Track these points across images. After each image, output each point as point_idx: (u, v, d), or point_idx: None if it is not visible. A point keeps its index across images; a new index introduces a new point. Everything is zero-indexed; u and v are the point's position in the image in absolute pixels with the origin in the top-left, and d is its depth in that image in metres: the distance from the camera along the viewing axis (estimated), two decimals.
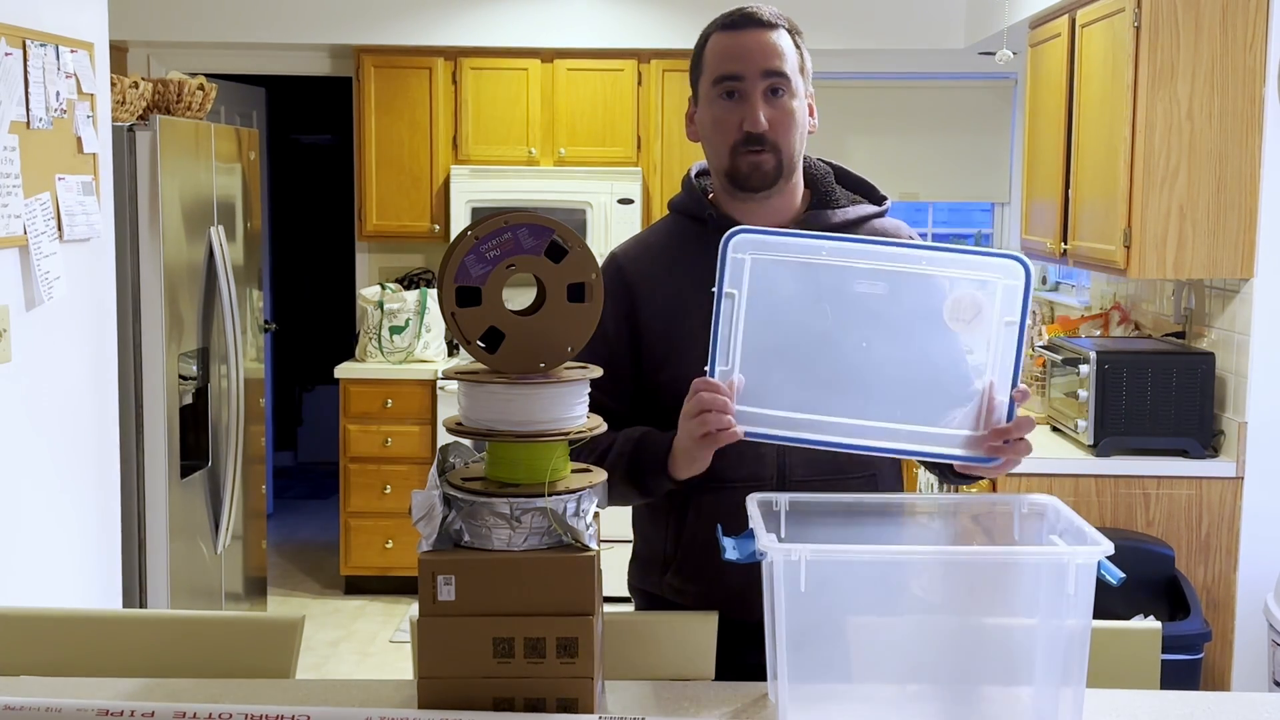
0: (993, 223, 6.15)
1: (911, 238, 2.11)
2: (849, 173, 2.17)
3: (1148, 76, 3.62)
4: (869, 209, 2.11)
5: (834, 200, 2.09)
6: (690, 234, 2.08)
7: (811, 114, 2.04)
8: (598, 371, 1.72)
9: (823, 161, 2.16)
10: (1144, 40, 3.61)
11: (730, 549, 1.64)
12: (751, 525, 1.65)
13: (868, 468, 2.02)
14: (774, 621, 1.59)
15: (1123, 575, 1.57)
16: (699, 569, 2.03)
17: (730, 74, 1.99)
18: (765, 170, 2.00)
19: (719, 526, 1.71)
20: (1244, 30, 3.58)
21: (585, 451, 1.97)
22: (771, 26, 2.00)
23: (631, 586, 2.20)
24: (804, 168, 2.10)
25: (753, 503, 1.70)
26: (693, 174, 2.17)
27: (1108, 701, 1.72)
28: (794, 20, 2.06)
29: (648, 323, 2.04)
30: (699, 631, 1.90)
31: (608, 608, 1.80)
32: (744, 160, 1.99)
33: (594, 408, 1.98)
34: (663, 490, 1.95)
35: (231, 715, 1.57)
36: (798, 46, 2.02)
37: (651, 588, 2.11)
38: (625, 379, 2.05)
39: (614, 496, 1.97)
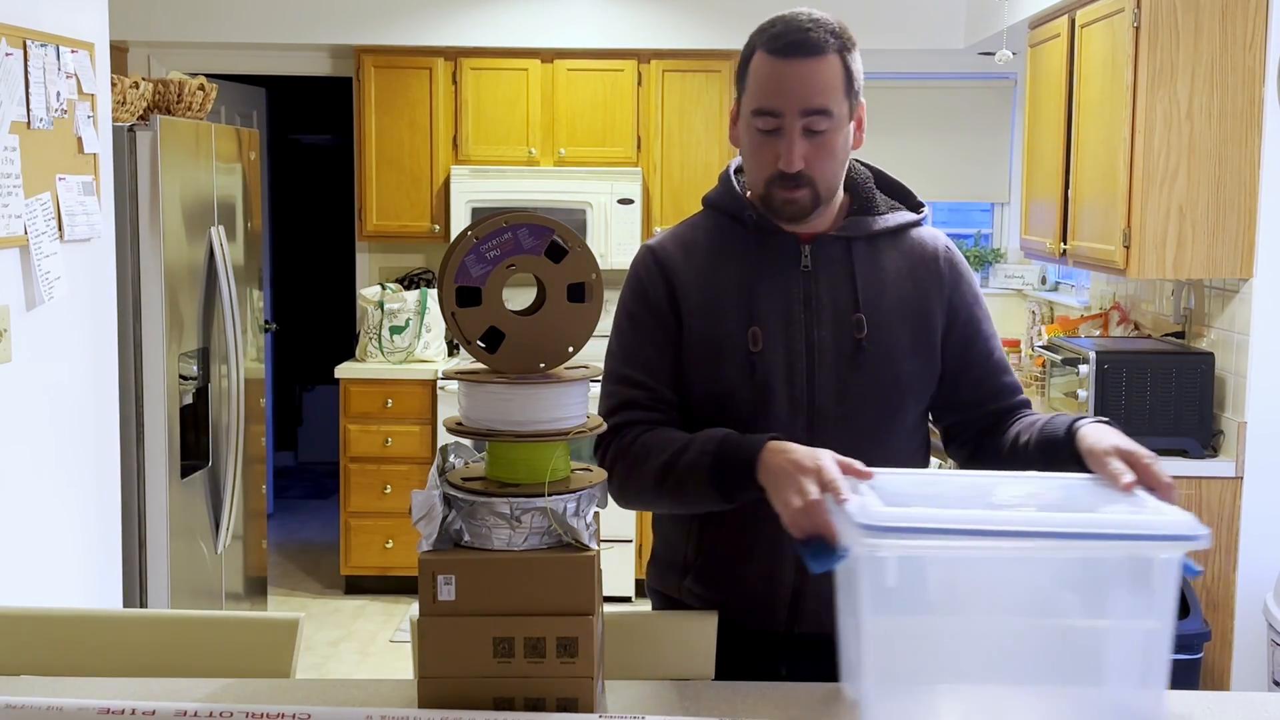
0: (992, 223, 6.15)
1: (949, 248, 2.07)
2: (886, 176, 2.10)
3: (1147, 76, 3.62)
4: (908, 217, 2.05)
5: (874, 207, 2.03)
6: (729, 233, 2.02)
7: (860, 128, 1.97)
8: (598, 371, 1.72)
9: (863, 165, 2.09)
10: (1143, 40, 3.61)
11: (813, 559, 1.58)
12: (833, 520, 1.61)
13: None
14: (857, 618, 1.55)
15: (1200, 569, 1.54)
16: (719, 576, 1.99)
17: (768, 109, 1.89)
18: (800, 204, 1.93)
19: (796, 544, 1.66)
20: (1244, 30, 3.58)
21: (641, 452, 1.90)
22: (819, 53, 1.89)
23: (650, 587, 2.17)
24: (850, 170, 2.03)
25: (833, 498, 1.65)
26: (731, 170, 2.09)
27: None
28: (845, 27, 1.95)
29: (688, 319, 1.98)
30: (699, 631, 1.90)
31: (608, 608, 1.80)
32: (778, 195, 1.92)
33: (646, 398, 1.96)
34: (751, 498, 1.81)
35: (232, 714, 1.58)
36: (847, 66, 1.92)
37: (670, 591, 2.08)
38: (677, 363, 1.99)
39: (686, 499, 1.89)
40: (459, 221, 5.59)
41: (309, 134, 7.92)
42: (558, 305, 1.64)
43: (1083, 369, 3.79)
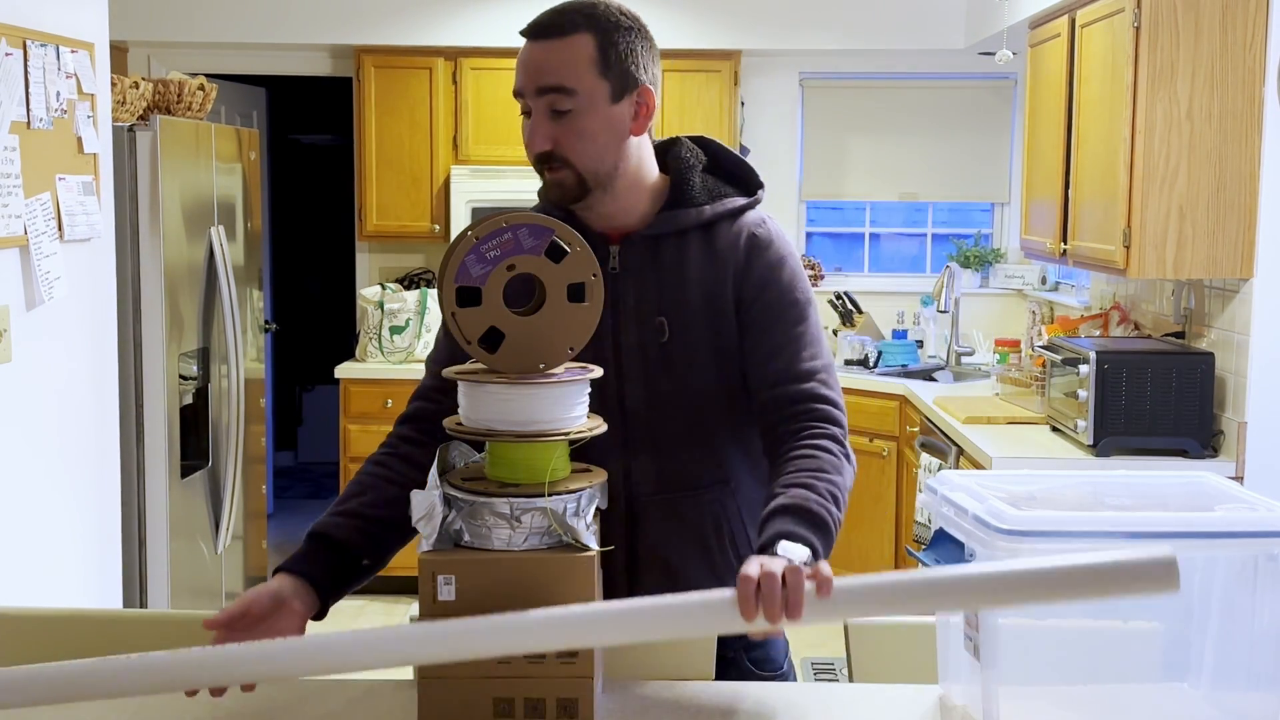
0: (992, 223, 6.15)
1: (753, 235, 1.89)
2: (728, 158, 1.97)
3: (1147, 76, 3.62)
4: (728, 205, 1.90)
5: (691, 199, 1.89)
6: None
7: (641, 115, 1.86)
8: (598, 371, 1.72)
9: (700, 147, 1.97)
10: (1144, 40, 3.61)
11: (938, 564, 1.57)
12: (941, 525, 1.59)
13: (721, 477, 1.89)
14: (984, 622, 1.54)
15: None
16: None
17: (517, 90, 1.86)
18: (566, 186, 1.86)
19: (909, 550, 1.66)
20: (1244, 30, 3.58)
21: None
22: (561, 33, 1.82)
23: None
24: (672, 158, 1.93)
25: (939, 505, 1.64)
26: None
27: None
28: (617, 13, 1.84)
29: None
30: None
31: None
32: (545, 177, 1.88)
33: (432, 389, 1.90)
34: None
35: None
36: (603, 47, 1.82)
37: None
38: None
39: None
40: (459, 221, 5.59)
41: (309, 134, 7.92)
42: (558, 305, 1.64)
43: (1083, 369, 3.79)
